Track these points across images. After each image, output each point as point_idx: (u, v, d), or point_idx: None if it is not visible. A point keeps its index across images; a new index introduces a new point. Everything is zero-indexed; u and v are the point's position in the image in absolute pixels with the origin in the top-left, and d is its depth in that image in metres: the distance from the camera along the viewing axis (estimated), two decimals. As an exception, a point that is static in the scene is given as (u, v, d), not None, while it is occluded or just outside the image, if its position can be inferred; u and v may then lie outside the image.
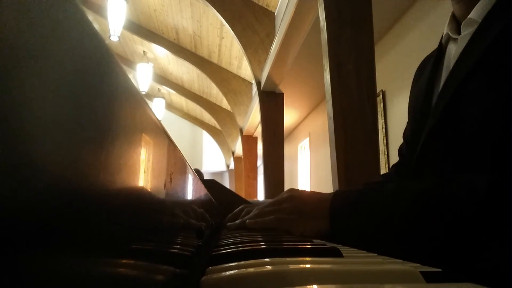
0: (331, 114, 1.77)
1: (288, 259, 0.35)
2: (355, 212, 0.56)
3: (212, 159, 11.29)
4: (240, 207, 0.83)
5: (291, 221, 0.61)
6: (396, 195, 0.52)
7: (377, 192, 0.56)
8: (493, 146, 0.49)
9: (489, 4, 0.55)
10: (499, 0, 0.54)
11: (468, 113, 0.53)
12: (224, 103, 7.48)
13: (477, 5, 0.57)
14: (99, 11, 5.72)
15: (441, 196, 0.47)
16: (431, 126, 0.58)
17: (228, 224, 0.77)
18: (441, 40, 0.67)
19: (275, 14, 4.56)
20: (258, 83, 4.71)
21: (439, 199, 0.47)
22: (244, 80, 6.45)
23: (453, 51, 0.62)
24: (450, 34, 0.64)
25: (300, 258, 0.38)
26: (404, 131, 0.79)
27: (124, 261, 0.18)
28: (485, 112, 0.50)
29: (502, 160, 0.47)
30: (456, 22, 0.64)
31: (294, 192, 0.66)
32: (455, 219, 0.45)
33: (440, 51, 0.67)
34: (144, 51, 7.02)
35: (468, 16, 0.58)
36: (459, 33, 0.62)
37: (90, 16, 0.22)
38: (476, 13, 0.57)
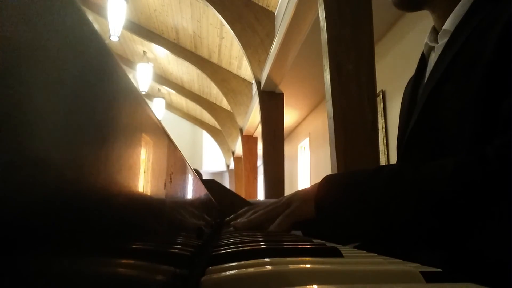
0: (331, 114, 1.77)
1: (288, 259, 0.35)
2: (338, 191, 0.60)
3: (212, 159, 11.29)
4: (244, 209, 0.83)
5: (297, 209, 0.64)
6: (376, 173, 0.56)
7: (360, 172, 0.62)
8: (465, 141, 0.54)
9: (460, 16, 0.62)
10: (467, 12, 0.61)
11: (442, 113, 0.59)
12: (224, 103, 7.48)
13: (449, 17, 0.64)
14: (99, 11, 5.72)
15: (414, 177, 0.52)
16: (412, 125, 0.65)
17: (232, 222, 0.77)
18: (423, 51, 0.74)
19: (275, 14, 4.56)
20: (258, 83, 4.71)
21: (412, 180, 0.52)
22: (244, 80, 6.45)
23: (433, 60, 0.69)
24: (428, 43, 0.72)
25: (300, 258, 0.38)
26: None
27: (124, 261, 0.18)
28: (456, 111, 0.56)
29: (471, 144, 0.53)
30: (436, 33, 0.71)
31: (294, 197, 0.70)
32: (425, 200, 0.49)
33: (423, 60, 0.74)
34: (144, 51, 7.02)
35: (443, 27, 0.65)
36: (437, 42, 0.69)
37: (90, 16, 0.22)
38: (449, 24, 0.64)
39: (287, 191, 5.22)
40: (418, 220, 0.50)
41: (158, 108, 8.44)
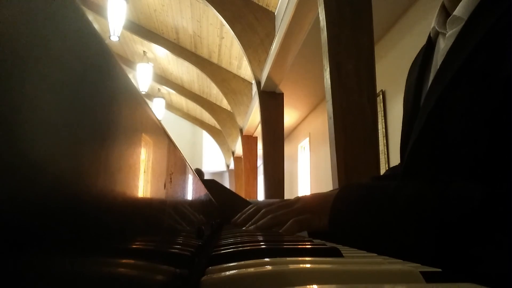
0: (331, 114, 1.77)
1: (288, 259, 0.35)
2: (353, 208, 0.56)
3: (212, 159, 11.29)
4: (250, 210, 0.82)
5: (307, 220, 0.61)
6: (395, 194, 0.52)
7: (378, 189, 0.56)
8: (477, 155, 0.49)
9: (474, 2, 0.53)
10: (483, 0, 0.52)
11: (451, 121, 0.52)
12: (224, 103, 7.47)
13: (462, 1, 0.55)
14: (99, 11, 5.72)
15: (437, 202, 0.47)
16: (418, 132, 0.58)
17: (239, 224, 0.75)
18: (430, 33, 0.66)
19: (275, 14, 4.56)
20: (258, 83, 4.71)
21: (435, 205, 0.48)
22: (244, 80, 6.45)
23: (441, 49, 0.61)
24: (437, 28, 0.62)
25: (300, 258, 0.38)
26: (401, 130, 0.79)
27: (124, 261, 0.18)
28: (468, 121, 0.50)
29: (494, 171, 0.47)
30: (445, 15, 0.62)
31: (300, 196, 0.67)
32: (447, 226, 0.46)
33: (429, 45, 0.65)
34: (144, 51, 7.02)
35: (453, 13, 0.56)
36: (445, 28, 0.61)
37: (90, 16, 0.22)
38: (461, 10, 0.54)
39: (287, 191, 5.22)
40: (435, 248, 0.47)
41: (158, 108, 8.43)
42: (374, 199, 0.54)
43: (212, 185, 1.37)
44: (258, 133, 5.72)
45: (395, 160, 0.78)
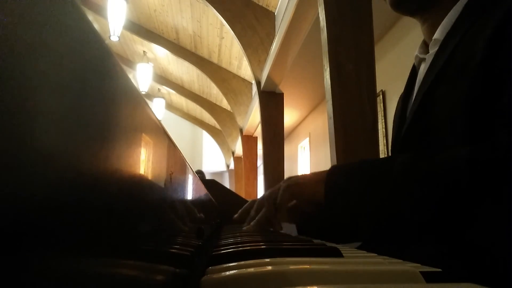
0: (331, 114, 1.77)
1: (288, 259, 0.35)
2: (349, 178, 0.59)
3: (212, 159, 11.29)
4: (249, 202, 0.84)
5: (299, 186, 0.66)
6: (391, 162, 0.56)
7: (372, 161, 0.63)
8: (457, 142, 0.55)
9: (449, 25, 0.64)
10: (457, 20, 0.63)
11: (434, 115, 0.60)
12: (224, 103, 7.47)
13: (439, 26, 0.66)
14: (99, 11, 5.72)
15: (429, 167, 0.51)
16: (405, 129, 0.66)
17: (244, 227, 0.77)
18: (414, 62, 0.75)
19: (275, 14, 4.56)
20: (258, 83, 4.71)
21: (427, 170, 0.51)
22: (244, 80, 6.44)
23: (423, 70, 0.70)
24: (419, 55, 0.73)
25: (300, 258, 0.38)
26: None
27: (124, 261, 0.18)
28: (448, 113, 0.57)
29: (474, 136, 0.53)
30: (426, 45, 0.73)
31: (286, 178, 0.72)
32: (442, 190, 0.49)
33: (413, 70, 0.76)
34: (144, 51, 7.02)
35: (433, 37, 0.67)
36: (427, 53, 0.71)
37: (90, 16, 0.22)
38: (439, 34, 0.66)
39: (287, 191, 5.20)
40: (428, 208, 0.50)
41: (158, 108, 8.43)
42: (371, 165, 0.59)
43: (212, 185, 1.37)
44: (258, 133, 5.72)
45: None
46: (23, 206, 0.09)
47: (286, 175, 4.65)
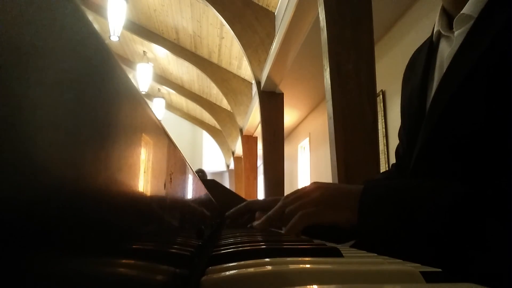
0: (331, 114, 1.77)
1: (288, 259, 0.35)
2: (383, 209, 0.51)
3: (212, 159, 11.29)
4: (244, 203, 0.81)
5: (319, 212, 0.55)
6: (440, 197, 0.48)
7: (407, 189, 0.52)
8: (489, 157, 0.47)
9: None
10: None
11: (464, 122, 0.49)
12: (224, 103, 7.47)
13: None
14: (99, 11, 5.72)
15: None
16: (427, 134, 0.55)
17: (255, 224, 0.68)
18: (431, 36, 0.63)
19: (275, 14, 4.56)
20: (258, 83, 4.71)
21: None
22: (244, 80, 6.44)
23: (446, 50, 0.58)
24: (442, 32, 0.59)
25: (300, 258, 0.38)
26: (398, 132, 0.77)
27: (124, 261, 0.18)
28: (482, 122, 0.47)
29: (495, 170, 0.46)
30: (447, 18, 0.59)
31: (320, 184, 0.59)
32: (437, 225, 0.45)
33: (431, 48, 0.62)
34: (144, 51, 7.02)
35: (461, 11, 0.53)
36: (451, 28, 0.57)
37: (90, 16, 0.22)
38: (470, 8, 0.52)
39: (287, 191, 5.21)
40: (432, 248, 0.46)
41: (158, 108, 8.43)
42: (414, 197, 0.50)
43: (212, 185, 1.37)
44: (258, 133, 5.72)
45: (395, 160, 0.79)
46: (23, 206, 0.09)
47: (286, 175, 4.66)
